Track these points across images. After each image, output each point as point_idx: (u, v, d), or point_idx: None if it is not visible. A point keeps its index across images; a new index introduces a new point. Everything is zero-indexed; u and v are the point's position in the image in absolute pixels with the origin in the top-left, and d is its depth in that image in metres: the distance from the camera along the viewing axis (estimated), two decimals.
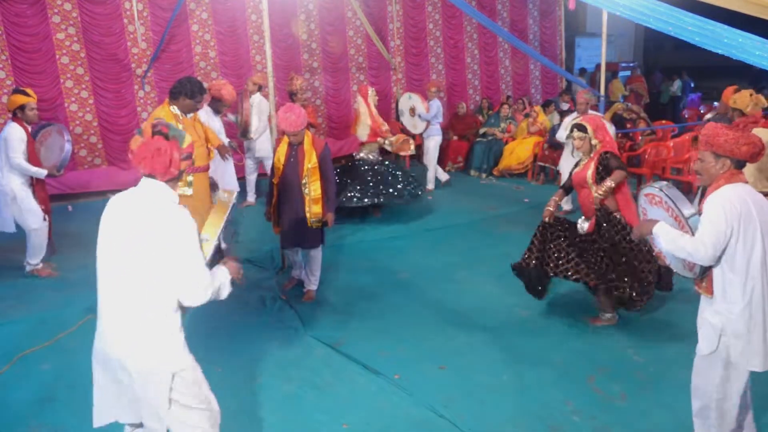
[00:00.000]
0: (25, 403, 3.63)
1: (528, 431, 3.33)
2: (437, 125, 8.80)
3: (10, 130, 5.24)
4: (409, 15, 11.28)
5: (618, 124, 9.67)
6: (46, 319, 4.70)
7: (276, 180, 4.84)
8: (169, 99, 4.66)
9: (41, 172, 5.37)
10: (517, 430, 3.33)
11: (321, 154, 4.78)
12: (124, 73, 8.61)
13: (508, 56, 12.74)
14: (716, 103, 9.51)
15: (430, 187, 8.85)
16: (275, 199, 4.88)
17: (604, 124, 4.40)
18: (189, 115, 4.82)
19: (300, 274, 5.26)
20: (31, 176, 5.38)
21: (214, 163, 5.31)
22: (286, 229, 4.90)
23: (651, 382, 3.74)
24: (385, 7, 10.98)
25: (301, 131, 4.67)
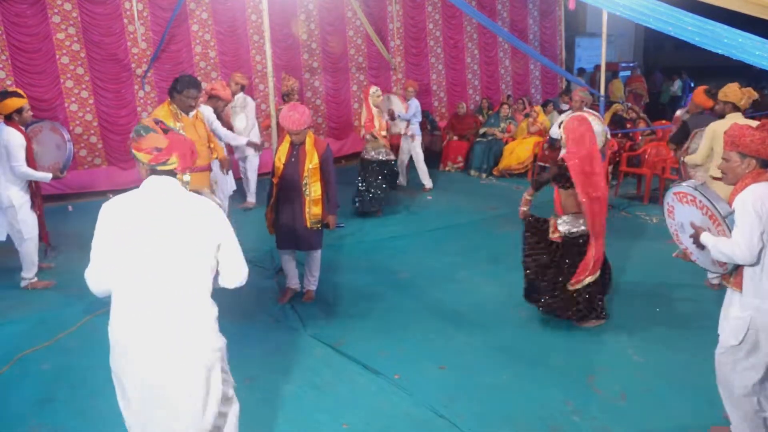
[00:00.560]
0: (25, 403, 3.63)
1: (528, 431, 3.33)
2: (417, 124, 8.77)
3: (9, 138, 4.92)
4: (409, 15, 11.29)
5: (618, 124, 9.70)
6: (46, 319, 4.70)
7: (276, 180, 4.78)
8: (169, 97, 4.87)
9: (46, 176, 5.12)
10: (517, 430, 3.33)
11: (323, 156, 4.71)
12: (124, 73, 8.63)
13: (508, 56, 12.76)
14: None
15: (427, 185, 8.82)
16: (274, 199, 4.83)
17: (590, 126, 4.26)
18: (191, 114, 4.87)
19: (295, 284, 5.12)
20: (29, 181, 5.12)
21: (214, 164, 5.32)
22: (284, 230, 4.83)
23: (651, 382, 3.74)
24: (385, 7, 10.99)
25: (303, 130, 4.62)
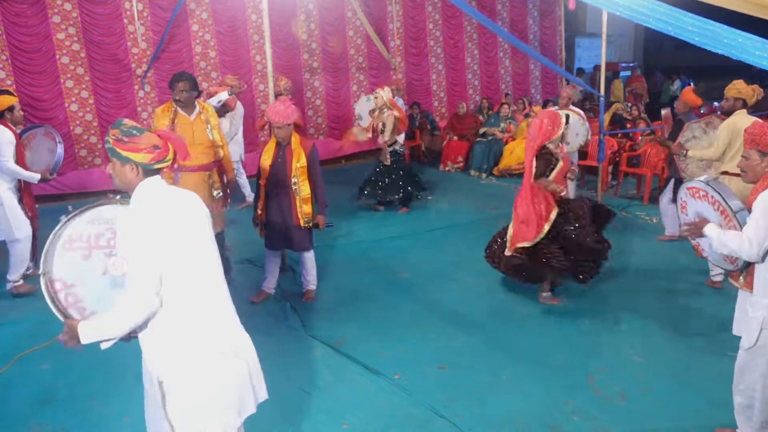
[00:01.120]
0: (25, 403, 3.64)
1: (528, 431, 3.33)
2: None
3: None
4: (409, 15, 11.29)
5: (618, 124, 9.70)
6: (46, 319, 4.65)
7: (263, 181, 4.73)
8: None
9: (34, 176, 5.06)
10: (517, 430, 3.33)
11: (309, 155, 4.67)
12: (124, 73, 8.63)
13: (508, 56, 12.75)
14: (716, 103, 9.51)
15: None
16: (262, 201, 4.79)
17: (559, 123, 4.53)
18: (192, 114, 4.78)
19: (270, 289, 5.08)
20: (19, 180, 5.08)
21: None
22: (273, 231, 4.81)
23: (651, 382, 3.74)
24: (385, 7, 10.99)
25: (287, 126, 4.57)
